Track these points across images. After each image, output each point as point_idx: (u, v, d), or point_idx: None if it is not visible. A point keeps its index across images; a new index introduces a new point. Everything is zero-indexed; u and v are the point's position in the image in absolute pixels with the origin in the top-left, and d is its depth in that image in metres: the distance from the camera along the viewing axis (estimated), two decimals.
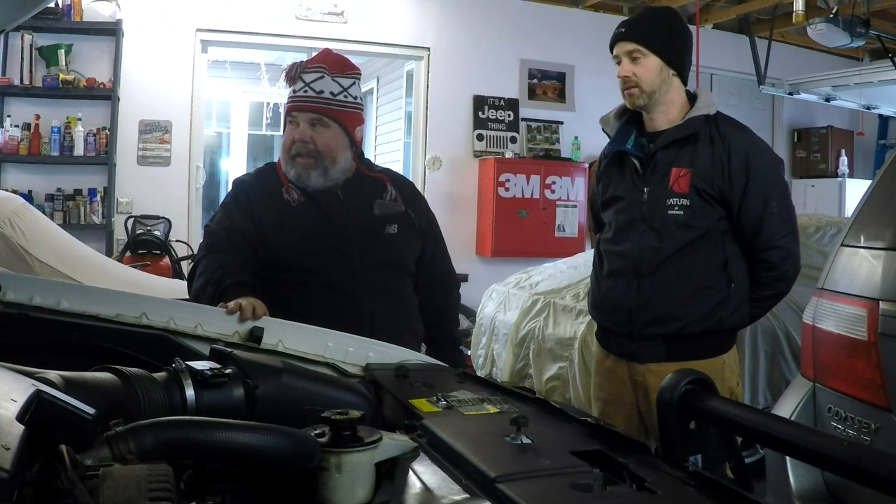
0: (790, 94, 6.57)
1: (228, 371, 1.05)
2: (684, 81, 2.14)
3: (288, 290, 1.88)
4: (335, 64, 2.00)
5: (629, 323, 2.11)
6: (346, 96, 1.98)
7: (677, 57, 2.10)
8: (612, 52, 2.14)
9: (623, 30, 2.11)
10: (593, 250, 2.34)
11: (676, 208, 2.05)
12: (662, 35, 2.09)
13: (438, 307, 2.16)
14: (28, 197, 5.10)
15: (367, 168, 2.10)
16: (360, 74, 2.07)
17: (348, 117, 2.00)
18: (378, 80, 8.90)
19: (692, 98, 2.15)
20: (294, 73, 1.98)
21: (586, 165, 6.71)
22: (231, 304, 1.51)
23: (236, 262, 1.87)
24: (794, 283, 2.18)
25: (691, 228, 2.05)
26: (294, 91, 1.98)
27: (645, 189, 2.10)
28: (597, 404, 2.30)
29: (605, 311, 2.22)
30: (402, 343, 1.53)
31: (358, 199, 2.02)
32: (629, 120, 2.19)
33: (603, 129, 2.27)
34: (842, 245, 2.20)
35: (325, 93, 1.95)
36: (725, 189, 2.04)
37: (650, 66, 2.06)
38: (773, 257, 2.09)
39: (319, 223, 1.96)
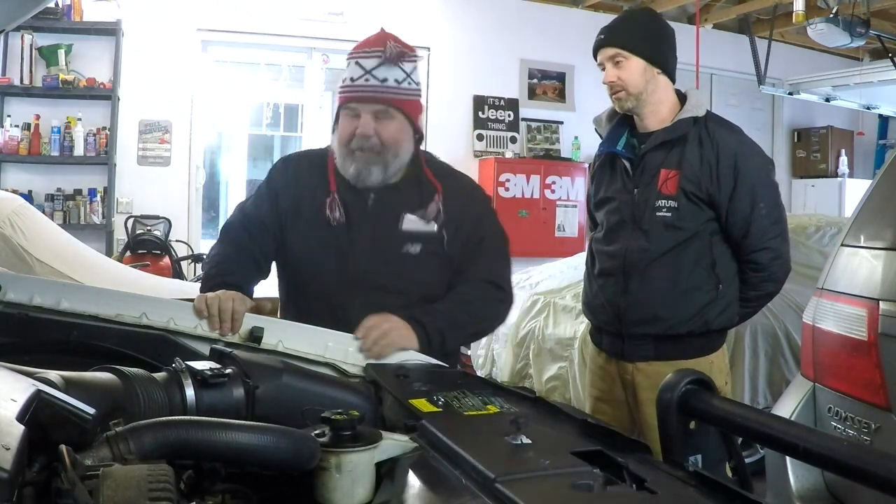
0: (790, 94, 6.58)
1: (228, 371, 1.05)
2: (672, 79, 2.15)
3: (294, 291, 1.87)
4: (396, 47, 1.80)
5: (618, 322, 2.14)
6: (409, 83, 1.79)
7: (659, 55, 2.11)
8: (595, 59, 2.15)
9: (603, 36, 2.13)
10: (586, 250, 2.36)
11: (664, 210, 2.07)
12: (642, 35, 2.10)
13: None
14: (28, 197, 5.10)
15: (432, 170, 1.88)
16: (420, 57, 1.89)
17: (413, 106, 1.82)
18: None
19: (683, 99, 2.16)
20: (353, 59, 1.78)
21: (586, 165, 6.71)
22: (196, 301, 1.46)
23: (237, 255, 1.80)
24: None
25: (679, 230, 2.07)
26: (352, 79, 1.77)
27: (635, 190, 2.12)
28: (589, 400, 2.34)
29: (595, 311, 2.25)
30: None
31: (388, 209, 1.81)
32: (621, 121, 2.21)
33: (596, 130, 2.29)
34: (842, 245, 2.20)
35: (389, 80, 1.76)
36: (713, 191, 2.05)
37: (634, 68, 2.07)
38: (761, 259, 2.10)
39: (331, 242, 1.80)
